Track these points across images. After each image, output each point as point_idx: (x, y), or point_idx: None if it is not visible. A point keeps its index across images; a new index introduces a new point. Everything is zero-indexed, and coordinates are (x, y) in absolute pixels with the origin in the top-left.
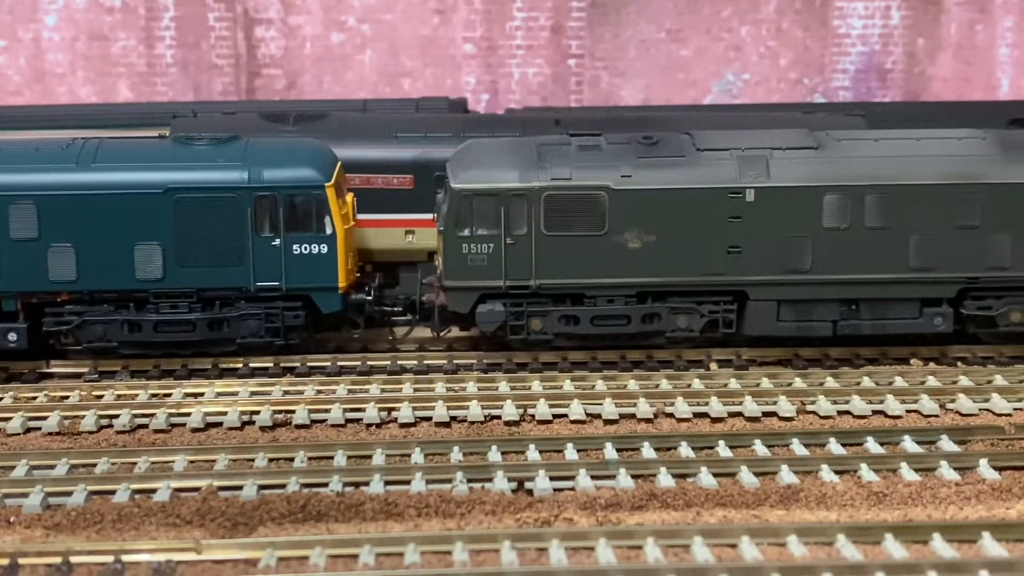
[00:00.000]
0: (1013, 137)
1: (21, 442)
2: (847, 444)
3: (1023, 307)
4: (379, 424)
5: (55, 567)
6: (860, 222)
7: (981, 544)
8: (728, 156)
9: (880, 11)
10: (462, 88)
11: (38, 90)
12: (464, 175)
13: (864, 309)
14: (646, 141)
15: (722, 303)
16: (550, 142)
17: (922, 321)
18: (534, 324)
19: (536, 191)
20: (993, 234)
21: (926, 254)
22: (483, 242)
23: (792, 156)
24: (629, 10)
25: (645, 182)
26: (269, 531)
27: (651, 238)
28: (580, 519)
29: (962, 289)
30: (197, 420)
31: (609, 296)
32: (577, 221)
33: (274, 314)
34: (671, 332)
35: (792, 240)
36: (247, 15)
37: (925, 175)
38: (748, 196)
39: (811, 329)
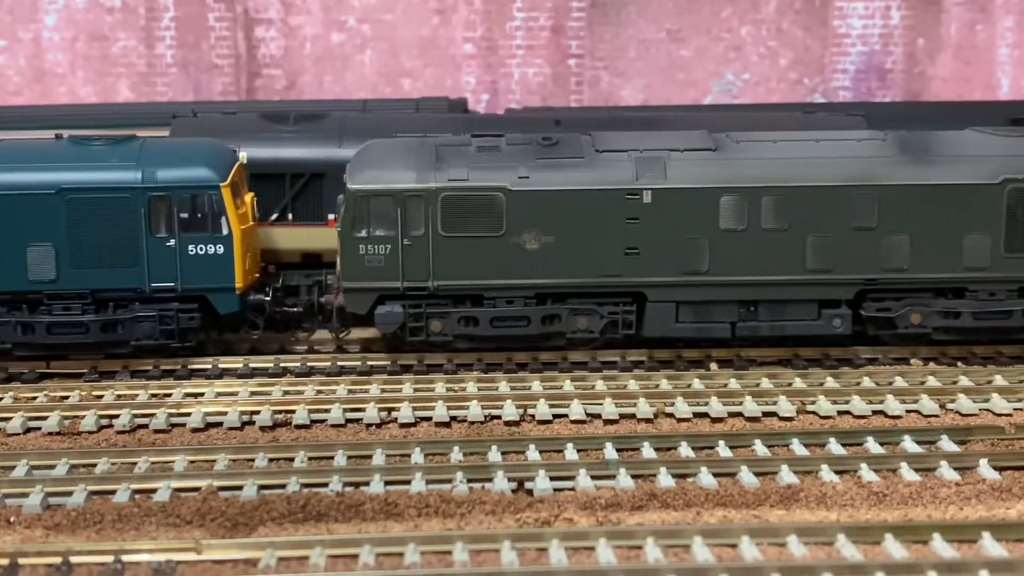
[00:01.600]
0: (912, 139)
1: (21, 442)
2: (847, 444)
3: (922, 308)
4: (379, 424)
5: (55, 567)
6: (757, 223)
7: (981, 544)
8: (626, 157)
9: (880, 11)
10: (462, 88)
11: (38, 90)
12: (361, 175)
13: (763, 310)
14: (545, 142)
15: (621, 304)
16: (450, 143)
17: (821, 323)
18: (434, 326)
19: (433, 192)
20: (890, 236)
21: (823, 256)
22: (380, 243)
23: (690, 157)
24: (629, 10)
25: (542, 183)
26: (269, 531)
27: (549, 239)
28: (580, 519)
29: (861, 291)
30: (197, 420)
31: (508, 297)
32: (475, 222)
33: (168, 316)
34: (571, 333)
35: (689, 241)
36: (247, 15)
37: (822, 176)
38: (645, 197)
39: (710, 331)
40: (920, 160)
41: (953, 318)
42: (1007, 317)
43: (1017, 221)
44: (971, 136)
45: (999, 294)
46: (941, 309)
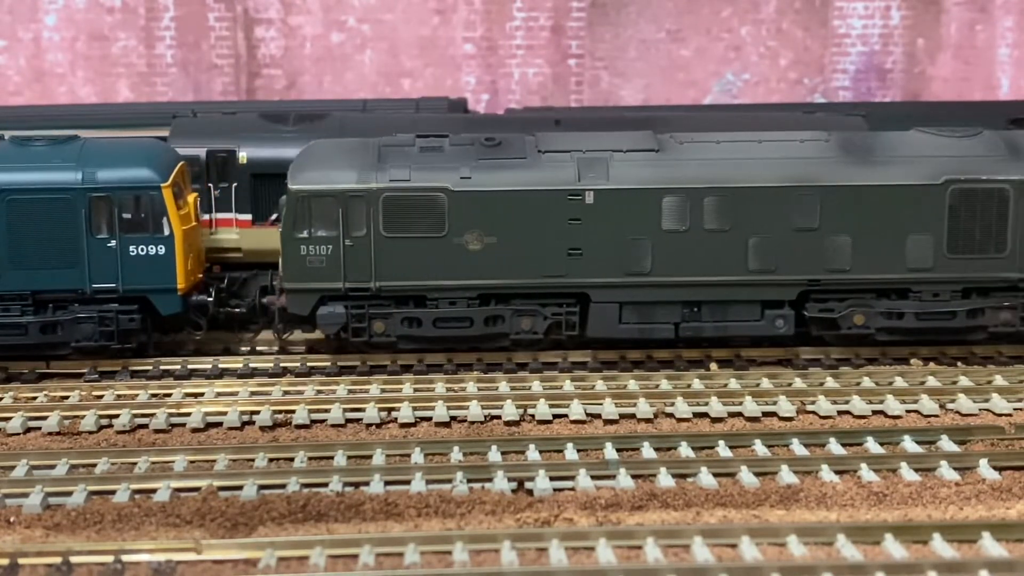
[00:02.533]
0: (855, 139)
1: (21, 442)
2: (847, 444)
3: (865, 309)
4: (379, 424)
5: (55, 567)
6: (699, 224)
7: (981, 544)
8: (568, 158)
9: (880, 11)
10: (462, 88)
11: (38, 90)
12: (302, 176)
13: (706, 311)
14: (488, 143)
15: (565, 305)
16: (393, 143)
17: (763, 323)
18: (376, 326)
19: (374, 192)
20: (832, 236)
21: (765, 256)
22: (321, 244)
23: (632, 158)
24: (629, 10)
25: (485, 184)
26: (269, 531)
27: (492, 240)
28: (580, 519)
29: (803, 291)
30: (197, 420)
31: (451, 298)
32: (417, 223)
33: (108, 317)
34: (515, 334)
35: (632, 242)
36: (247, 15)
37: (763, 177)
38: (588, 198)
39: (653, 331)
40: (863, 161)
41: (896, 319)
42: (951, 318)
43: (959, 222)
44: (915, 137)
45: (942, 295)
46: (884, 310)
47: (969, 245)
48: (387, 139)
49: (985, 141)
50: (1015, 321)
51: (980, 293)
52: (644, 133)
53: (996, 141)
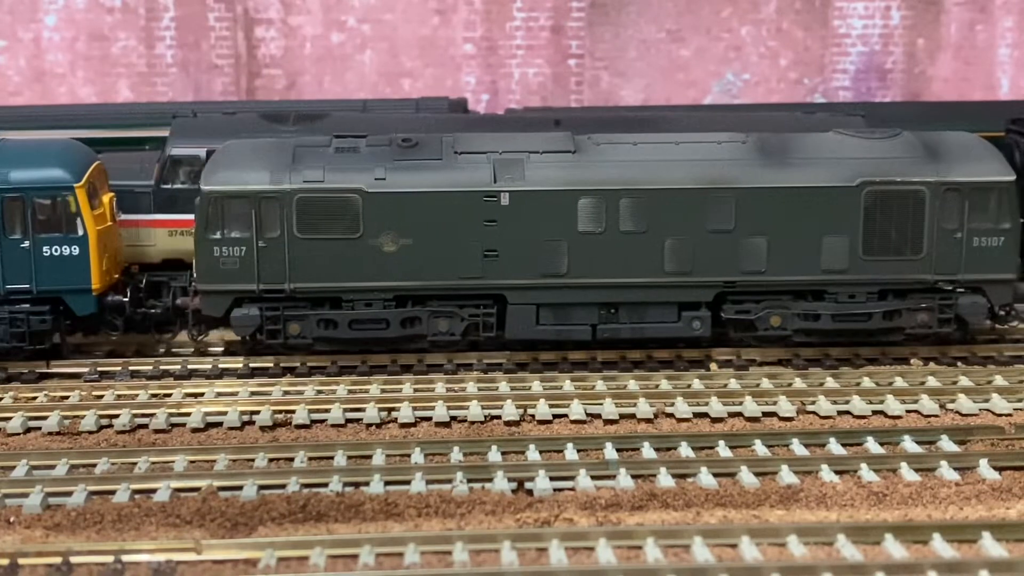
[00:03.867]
0: (772, 141)
1: (21, 442)
2: (847, 444)
3: (782, 311)
4: (379, 424)
5: (55, 567)
6: (615, 226)
7: (981, 544)
8: (485, 159)
9: (880, 11)
10: (462, 88)
11: (38, 90)
12: (215, 177)
13: (623, 313)
14: (405, 144)
15: (482, 307)
16: (308, 143)
17: (681, 325)
18: (292, 328)
19: (288, 193)
20: (748, 238)
21: (681, 258)
22: (235, 245)
23: (548, 160)
24: (629, 10)
25: (400, 185)
26: (269, 531)
27: (407, 241)
28: (580, 519)
29: (720, 293)
30: (197, 420)
31: (367, 300)
32: (331, 224)
33: (20, 318)
34: (432, 336)
35: (548, 244)
36: (247, 15)
37: (679, 179)
38: (503, 200)
39: (570, 333)
40: (778, 162)
41: (813, 320)
42: (867, 319)
43: (874, 223)
44: (832, 138)
45: (858, 296)
46: (800, 311)
47: (885, 247)
48: (303, 139)
49: (902, 143)
50: (932, 322)
51: (897, 295)
52: (562, 134)
53: (913, 142)
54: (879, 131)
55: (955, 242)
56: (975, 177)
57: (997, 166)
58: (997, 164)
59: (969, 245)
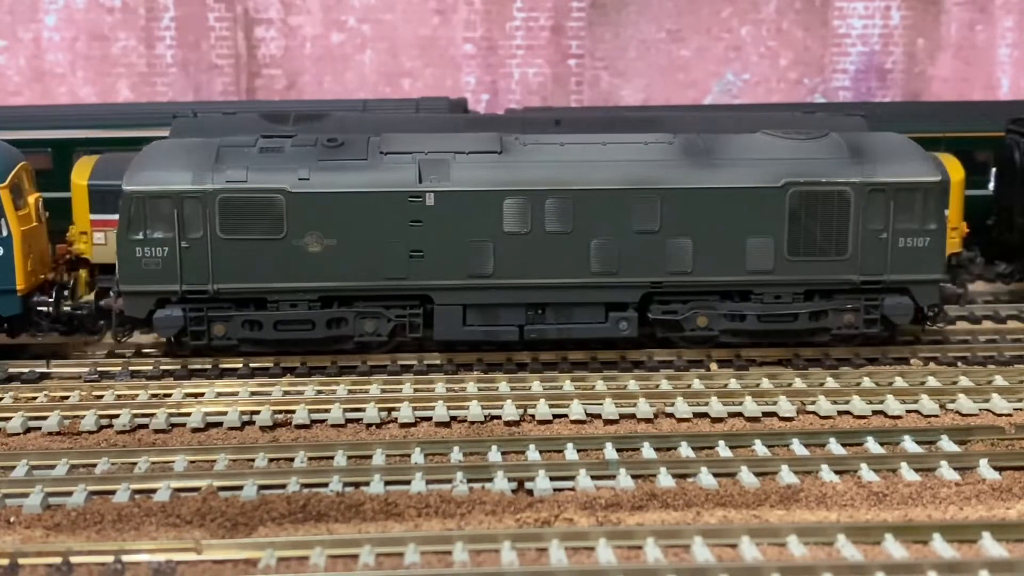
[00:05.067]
0: (699, 142)
1: (21, 442)
2: (847, 444)
3: (708, 311)
4: (379, 424)
5: (55, 567)
6: (541, 227)
7: (981, 544)
8: (410, 159)
9: (880, 11)
10: (462, 88)
11: (38, 90)
12: (137, 177)
13: (550, 314)
14: (330, 143)
15: (408, 308)
16: (233, 143)
17: (608, 326)
18: (216, 329)
19: (210, 193)
20: (673, 239)
21: (607, 259)
22: (157, 245)
23: (474, 160)
24: (629, 10)
25: (324, 185)
26: (269, 531)
27: (332, 242)
28: (580, 519)
29: (647, 294)
30: (197, 420)
31: (292, 301)
32: (254, 224)
33: None
34: (359, 337)
35: (474, 244)
36: (247, 15)
37: (604, 180)
38: (428, 200)
39: (497, 334)
40: (704, 163)
41: (739, 321)
42: (793, 320)
43: (799, 224)
44: (759, 139)
45: (784, 297)
46: (727, 312)
47: (810, 247)
48: (228, 139)
49: (828, 143)
50: (858, 323)
51: (823, 295)
52: (489, 135)
53: (840, 143)
54: (806, 132)
55: (881, 243)
56: (900, 178)
57: (923, 166)
58: (923, 164)
59: (895, 246)
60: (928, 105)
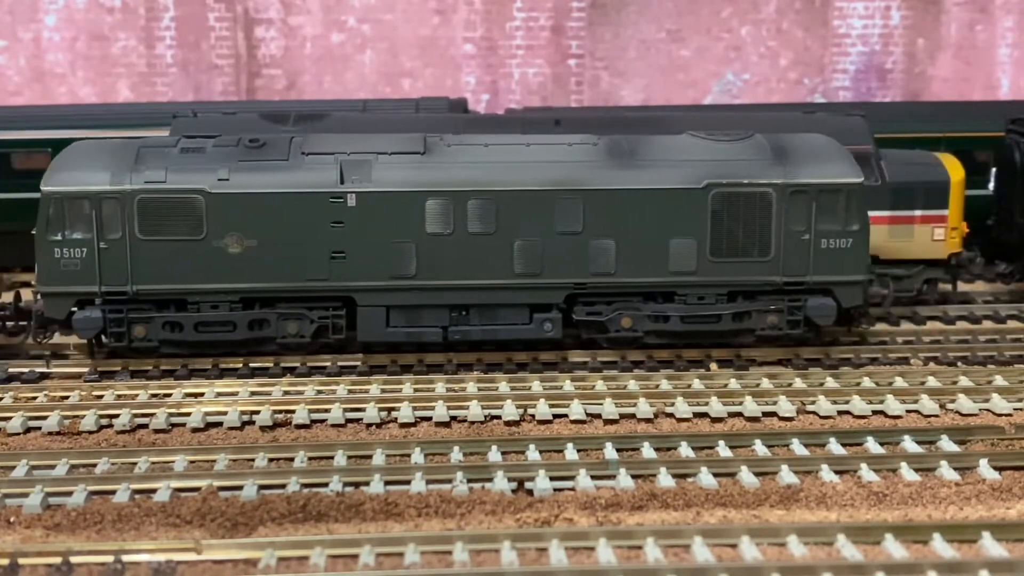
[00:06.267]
0: (623, 143)
1: (21, 442)
2: (847, 444)
3: (632, 312)
4: (379, 424)
5: (55, 567)
6: (463, 227)
7: (981, 544)
8: (332, 160)
9: (880, 11)
10: (462, 88)
11: (38, 90)
12: (56, 177)
13: (474, 315)
14: (252, 144)
15: (331, 309)
16: (154, 143)
17: (532, 327)
18: (137, 331)
19: (129, 194)
20: (596, 240)
21: (531, 260)
22: (76, 246)
23: (397, 161)
24: (629, 10)
25: (244, 186)
26: (269, 531)
27: (252, 243)
28: (580, 519)
29: (572, 295)
30: (197, 420)
31: (213, 302)
32: (174, 225)
33: None
34: (282, 338)
35: (396, 245)
36: (247, 15)
37: (526, 181)
38: (350, 201)
39: (421, 335)
40: (627, 165)
41: (663, 322)
42: (717, 321)
43: (722, 226)
44: (683, 140)
45: (707, 298)
46: (651, 313)
47: (732, 249)
48: (149, 139)
49: (751, 145)
50: (781, 324)
51: (747, 296)
52: (413, 136)
53: (763, 145)
54: (730, 133)
55: (803, 244)
56: (822, 179)
57: (846, 168)
58: (846, 166)
59: (817, 247)
60: (928, 105)
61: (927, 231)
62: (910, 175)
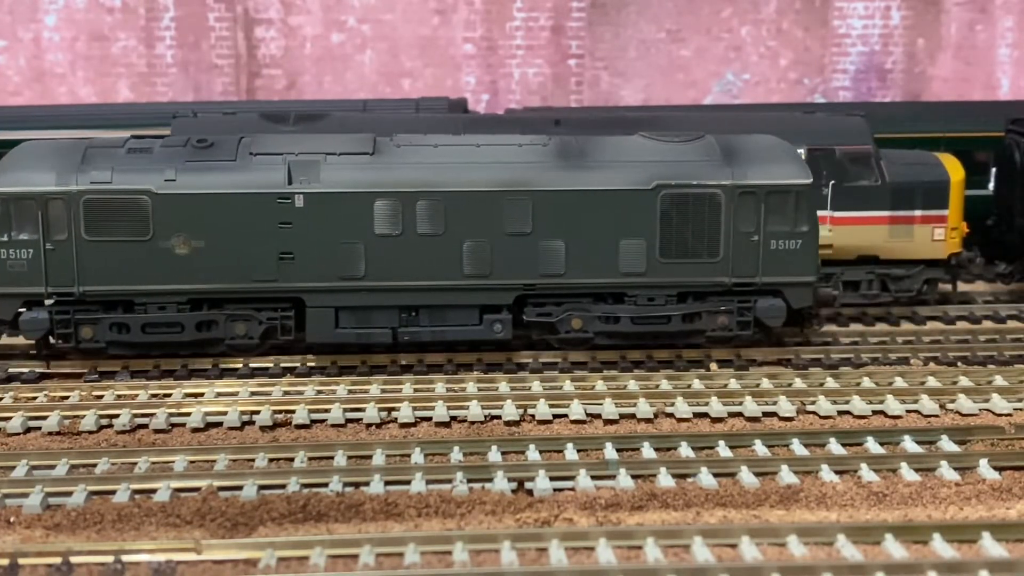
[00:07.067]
0: (573, 144)
1: (21, 442)
2: (847, 444)
3: (583, 313)
4: (379, 424)
5: (55, 567)
6: (412, 228)
7: (981, 544)
8: (280, 160)
9: (880, 11)
10: (462, 88)
11: (38, 90)
12: (2, 178)
13: (424, 316)
14: (200, 144)
15: (280, 310)
16: (101, 144)
17: (482, 328)
18: (84, 332)
19: (74, 194)
20: (545, 241)
21: (480, 261)
22: (22, 247)
23: (345, 161)
24: (629, 10)
25: (190, 186)
26: (269, 531)
27: (199, 243)
28: (580, 519)
29: (521, 296)
30: (197, 420)
31: (160, 303)
32: (120, 226)
33: None
34: (230, 340)
35: (345, 246)
36: (247, 15)
37: (475, 182)
38: (298, 201)
39: (370, 336)
40: (576, 166)
41: (613, 323)
42: (667, 322)
43: (671, 227)
44: (633, 141)
45: (657, 299)
46: (601, 314)
47: (682, 250)
48: (97, 139)
49: (701, 146)
50: (732, 325)
51: (697, 297)
52: (362, 136)
53: (712, 146)
54: (681, 135)
55: (752, 245)
56: (771, 180)
57: (794, 169)
58: (795, 167)
59: (766, 248)
60: (928, 105)
61: (927, 231)
62: (910, 175)
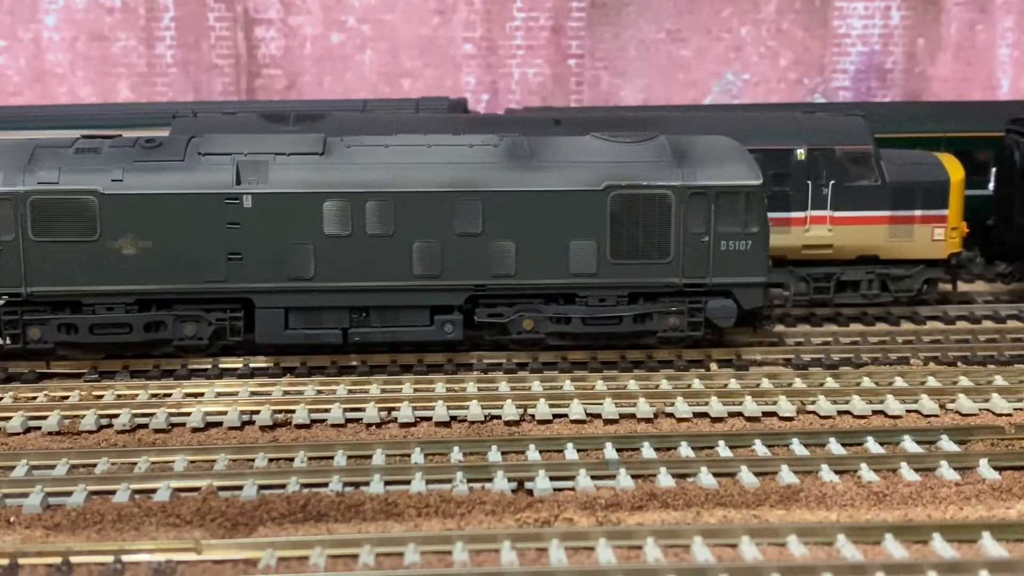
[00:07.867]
0: (524, 144)
1: (21, 442)
2: (847, 444)
3: (534, 314)
4: (379, 424)
5: (55, 567)
6: (362, 229)
7: (981, 544)
8: (228, 161)
9: (880, 11)
10: (462, 88)
11: (38, 90)
12: None
13: (374, 316)
14: (148, 144)
15: (229, 311)
16: (50, 144)
17: (433, 329)
18: (32, 332)
19: (21, 195)
20: (496, 242)
21: (430, 262)
22: None
23: (294, 162)
24: (629, 10)
25: (137, 187)
26: (269, 531)
27: (147, 244)
28: (580, 519)
29: (472, 296)
30: (197, 420)
31: (108, 304)
32: (67, 226)
33: None
34: (179, 340)
35: (293, 247)
36: (247, 15)
37: (425, 182)
38: (246, 202)
39: (320, 337)
40: (527, 166)
41: (564, 323)
42: (618, 323)
43: (622, 228)
44: (584, 142)
45: (608, 300)
46: (552, 315)
47: (633, 251)
48: (45, 140)
49: (652, 147)
50: (683, 325)
51: (648, 298)
52: (312, 136)
53: (663, 146)
54: (634, 135)
55: (703, 246)
56: (721, 181)
57: (745, 170)
58: (745, 168)
59: (717, 249)
60: (928, 105)
61: (927, 231)
62: (910, 175)
